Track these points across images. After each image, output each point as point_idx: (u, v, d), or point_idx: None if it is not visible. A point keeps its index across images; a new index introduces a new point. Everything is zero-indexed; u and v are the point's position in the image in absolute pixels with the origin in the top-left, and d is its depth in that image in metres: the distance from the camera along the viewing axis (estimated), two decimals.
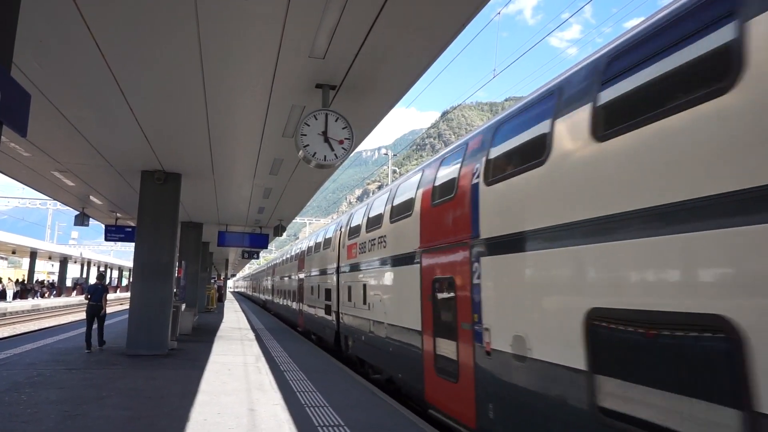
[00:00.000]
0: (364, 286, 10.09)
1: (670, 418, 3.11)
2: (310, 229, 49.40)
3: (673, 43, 3.43)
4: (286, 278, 24.07)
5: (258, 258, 39.37)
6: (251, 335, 15.54)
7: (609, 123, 3.88)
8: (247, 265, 72.58)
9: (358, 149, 8.12)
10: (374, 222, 9.80)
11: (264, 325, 19.81)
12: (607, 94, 3.99)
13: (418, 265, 7.24)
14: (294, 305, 20.70)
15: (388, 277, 8.70)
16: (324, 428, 5.62)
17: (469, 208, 5.88)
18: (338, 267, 12.67)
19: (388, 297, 8.72)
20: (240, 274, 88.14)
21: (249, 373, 8.88)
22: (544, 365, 4.38)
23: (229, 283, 79.37)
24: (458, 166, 6.46)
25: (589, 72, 4.33)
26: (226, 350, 11.74)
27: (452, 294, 6.19)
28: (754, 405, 2.63)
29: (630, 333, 3.55)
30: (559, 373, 4.16)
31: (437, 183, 7.10)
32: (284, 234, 19.87)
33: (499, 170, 5.42)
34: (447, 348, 6.31)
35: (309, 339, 16.08)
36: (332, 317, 13.05)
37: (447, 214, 6.52)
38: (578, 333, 3.92)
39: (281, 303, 25.79)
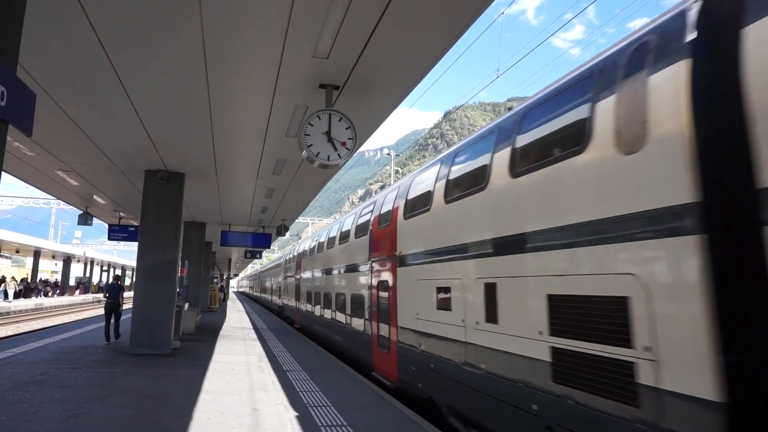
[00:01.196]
0: None
1: None
2: (312, 229, 49.29)
3: None
4: (329, 274, 13.82)
5: (260, 258, 39.41)
6: (254, 335, 15.56)
7: None
8: (250, 265, 72.69)
9: (360, 149, 8.09)
10: None
11: (266, 325, 19.82)
12: None
13: None
14: (359, 324, 10.39)
15: None
16: (327, 428, 5.62)
17: None
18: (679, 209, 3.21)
19: None
20: (243, 274, 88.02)
21: (252, 372, 8.89)
22: None
23: (232, 282, 79.43)
24: None
25: None
26: (228, 350, 11.75)
27: None
28: None
29: None
30: None
31: None
32: (287, 234, 19.89)
33: None
34: None
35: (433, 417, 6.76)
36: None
37: None
38: None
39: (321, 316, 14.55)
